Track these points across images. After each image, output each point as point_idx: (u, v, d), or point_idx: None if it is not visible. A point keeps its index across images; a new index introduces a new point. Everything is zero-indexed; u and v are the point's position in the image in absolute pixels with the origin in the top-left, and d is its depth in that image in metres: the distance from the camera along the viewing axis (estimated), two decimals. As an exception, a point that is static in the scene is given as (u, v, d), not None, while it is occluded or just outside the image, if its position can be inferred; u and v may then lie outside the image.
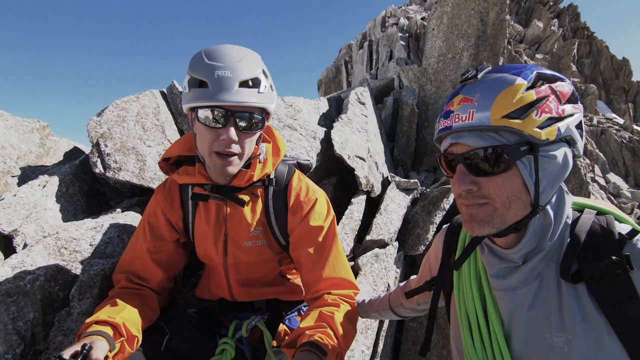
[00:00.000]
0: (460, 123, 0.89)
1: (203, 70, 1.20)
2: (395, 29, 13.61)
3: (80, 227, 1.82)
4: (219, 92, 1.18)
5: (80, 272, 1.57)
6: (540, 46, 20.37)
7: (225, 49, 1.24)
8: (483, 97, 0.87)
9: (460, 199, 0.94)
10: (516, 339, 0.95)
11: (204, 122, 1.23)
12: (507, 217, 0.89)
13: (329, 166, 2.97)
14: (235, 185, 1.39)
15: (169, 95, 2.70)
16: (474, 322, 1.04)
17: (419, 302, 1.49)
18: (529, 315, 0.93)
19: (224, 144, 1.24)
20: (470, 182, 0.89)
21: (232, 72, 1.19)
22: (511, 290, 0.96)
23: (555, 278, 0.91)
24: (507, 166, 0.86)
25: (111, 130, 2.19)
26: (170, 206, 1.48)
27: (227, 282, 1.52)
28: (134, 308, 1.28)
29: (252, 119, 1.26)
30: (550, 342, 0.88)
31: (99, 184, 2.35)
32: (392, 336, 3.07)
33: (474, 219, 0.91)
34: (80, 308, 1.48)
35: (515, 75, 0.87)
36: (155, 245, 1.45)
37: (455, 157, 0.93)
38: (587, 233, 0.89)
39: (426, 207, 3.25)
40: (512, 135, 0.86)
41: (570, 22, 27.68)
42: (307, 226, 1.43)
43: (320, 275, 1.40)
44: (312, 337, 1.15)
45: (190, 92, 1.22)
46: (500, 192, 0.87)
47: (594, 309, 0.84)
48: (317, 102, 3.48)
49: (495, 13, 4.50)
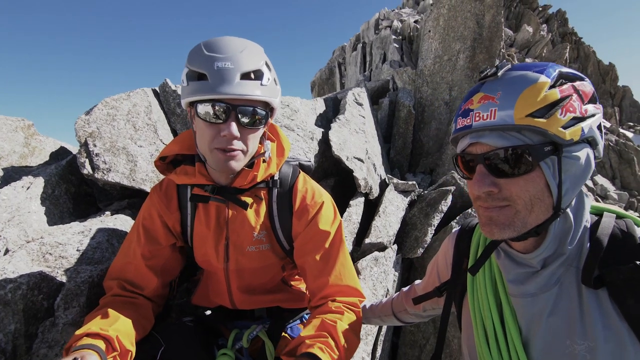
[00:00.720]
0: (481, 122, 0.84)
1: (202, 62, 1.12)
2: (389, 31, 13.64)
3: (67, 231, 1.71)
4: (219, 84, 1.10)
5: (67, 279, 1.47)
6: (530, 50, 20.64)
7: (226, 40, 1.17)
8: (506, 95, 0.82)
9: (478, 202, 0.90)
10: (535, 346, 0.91)
11: (203, 117, 1.15)
12: (528, 220, 0.85)
13: (327, 167, 2.91)
14: (238, 186, 1.31)
15: (162, 93, 2.61)
16: (490, 329, 1.00)
17: (426, 308, 1.45)
18: (549, 322, 0.88)
19: (225, 140, 1.16)
20: (490, 183, 0.84)
21: (233, 64, 1.12)
22: (530, 296, 0.92)
23: (576, 283, 0.87)
24: (531, 167, 0.82)
25: (100, 130, 2.09)
26: (167, 208, 1.39)
27: (228, 289, 1.44)
28: (127, 319, 1.19)
29: (255, 114, 1.19)
30: (571, 350, 0.84)
31: (87, 185, 2.24)
32: (389, 340, 3.02)
33: (494, 222, 0.86)
34: (67, 318, 1.38)
35: (538, 73, 0.83)
36: (151, 250, 1.36)
37: (474, 158, 0.88)
38: (608, 237, 0.86)
39: (424, 209, 3.20)
40: (536, 135, 0.82)
41: (558, 27, 28.17)
42: (313, 231, 1.36)
43: (326, 282, 1.33)
44: (312, 347, 1.10)
45: (188, 85, 1.15)
46: (522, 194, 0.83)
47: (616, 315, 0.80)
48: (314, 102, 3.42)
49: (491, 16, 4.50)
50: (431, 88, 5.04)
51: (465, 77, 4.79)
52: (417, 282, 1.53)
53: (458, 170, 0.97)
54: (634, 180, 14.52)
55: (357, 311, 1.35)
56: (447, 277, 1.26)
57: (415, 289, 1.51)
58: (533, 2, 26.05)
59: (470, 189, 0.93)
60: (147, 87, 2.53)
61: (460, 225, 1.29)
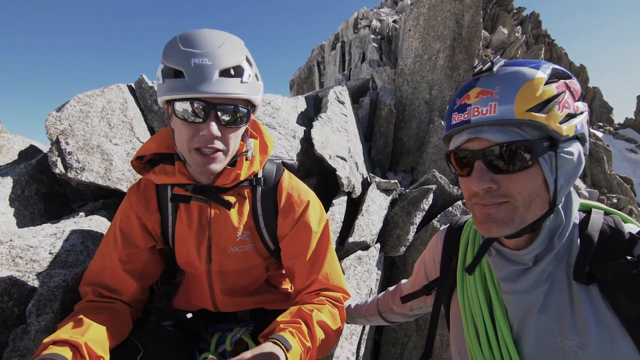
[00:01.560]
0: (480, 116, 0.83)
1: (178, 58, 1.06)
2: (368, 31, 13.70)
3: (38, 234, 1.63)
4: (196, 82, 1.05)
5: (39, 284, 1.39)
6: (505, 52, 21.14)
7: (204, 33, 1.10)
8: (504, 89, 0.82)
9: (475, 199, 0.89)
10: (526, 343, 0.91)
11: (181, 116, 1.10)
12: (526, 217, 0.85)
13: (309, 166, 2.88)
14: (220, 185, 1.27)
15: (138, 90, 2.52)
16: (480, 326, 1.00)
17: (412, 307, 1.45)
18: (540, 318, 0.89)
19: (205, 140, 1.11)
20: (490, 179, 0.84)
21: (211, 60, 1.06)
22: (522, 293, 0.92)
23: (566, 280, 0.88)
24: (530, 163, 0.82)
25: (73, 127, 2.00)
26: (146, 209, 1.33)
27: (211, 291, 1.39)
28: (100, 325, 1.13)
29: (237, 112, 1.14)
30: (562, 345, 0.85)
31: (59, 185, 2.14)
32: (371, 339, 3.02)
33: (493, 219, 0.86)
34: (39, 325, 1.30)
35: (534, 69, 0.84)
36: (128, 254, 1.30)
37: (472, 154, 0.87)
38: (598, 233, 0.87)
39: (406, 207, 3.22)
40: (534, 131, 0.82)
41: (532, 29, 28.98)
42: (301, 231, 1.33)
43: (313, 281, 1.32)
44: (283, 330, 1.11)
45: (164, 83, 1.09)
46: (522, 190, 0.83)
47: (607, 311, 0.81)
48: (295, 100, 3.38)
49: (471, 16, 4.56)
50: (411, 87, 5.08)
51: (445, 77, 4.85)
52: (404, 282, 1.53)
53: (451, 167, 0.96)
54: (603, 178, 15.12)
55: (340, 306, 1.34)
56: (435, 275, 1.26)
57: (402, 288, 1.51)
58: (508, 4, 26.70)
59: (465, 186, 0.92)
60: (122, 83, 2.44)
61: (448, 223, 1.30)
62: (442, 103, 4.94)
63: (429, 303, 1.36)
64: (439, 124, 4.51)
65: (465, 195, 0.94)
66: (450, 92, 4.91)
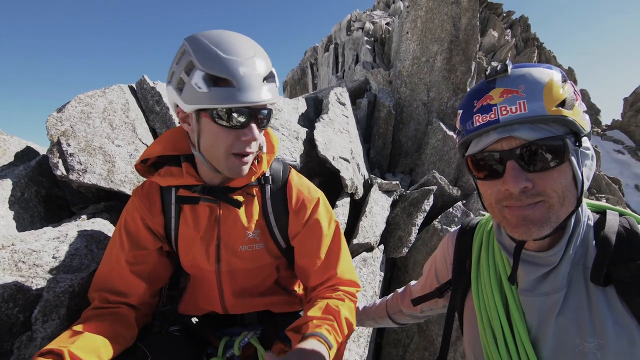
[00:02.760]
0: (510, 115, 0.81)
1: (223, 66, 1.05)
2: (361, 33, 13.75)
3: (41, 237, 1.58)
4: (246, 91, 1.06)
5: (45, 289, 1.35)
6: (495, 54, 21.38)
7: (235, 39, 1.11)
8: (529, 88, 0.81)
9: (507, 202, 0.86)
10: (545, 345, 0.90)
11: (225, 123, 1.09)
12: (561, 214, 0.84)
13: (311, 168, 2.87)
14: (233, 185, 1.26)
15: (139, 91, 2.48)
16: (497, 328, 0.99)
17: (423, 309, 1.44)
18: (558, 320, 0.88)
19: (245, 144, 1.13)
20: (525, 179, 0.81)
21: (255, 68, 1.07)
22: (543, 295, 0.91)
23: (584, 282, 0.87)
24: (564, 158, 0.81)
25: (74, 128, 1.95)
26: (149, 211, 1.31)
27: (220, 292, 1.37)
28: (98, 332, 1.10)
29: (270, 112, 1.18)
30: (581, 348, 0.84)
31: (58, 187, 2.09)
32: (373, 341, 3.01)
33: (530, 221, 0.83)
34: (45, 332, 1.26)
35: (549, 69, 0.85)
36: (136, 256, 1.27)
37: (504, 154, 0.84)
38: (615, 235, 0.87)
39: (407, 208, 3.22)
40: (560, 127, 0.82)
41: (521, 32, 29.38)
42: (314, 228, 1.34)
43: (331, 276, 1.33)
44: (319, 327, 1.11)
45: (209, 91, 1.05)
46: (556, 187, 0.82)
47: (625, 312, 0.81)
48: (295, 101, 3.37)
49: (467, 19, 4.60)
50: (409, 89, 5.10)
51: (442, 79, 4.88)
52: (413, 283, 1.52)
53: (471, 172, 0.94)
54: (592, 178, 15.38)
55: (355, 300, 1.36)
56: (447, 277, 1.25)
57: (411, 290, 1.50)
58: (498, 8, 27.02)
59: (492, 189, 0.89)
60: (123, 84, 2.39)
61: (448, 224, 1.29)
62: (440, 105, 4.96)
63: (440, 305, 1.35)
64: (437, 125, 4.53)
65: (490, 200, 0.91)
66: (448, 94, 4.94)
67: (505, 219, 0.88)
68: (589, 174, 0.88)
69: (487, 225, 1.15)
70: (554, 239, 0.91)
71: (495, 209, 0.90)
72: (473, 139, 0.92)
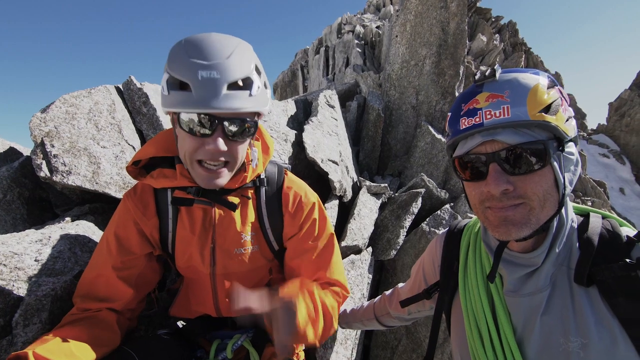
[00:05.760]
0: (494, 119, 0.84)
1: (184, 69, 1.00)
2: (351, 36, 13.83)
3: (23, 240, 1.55)
4: (203, 97, 0.99)
5: (26, 293, 1.32)
6: (484, 59, 21.65)
7: (211, 41, 1.04)
8: (514, 93, 0.84)
9: (488, 202, 0.89)
10: (529, 345, 0.92)
11: (187, 128, 1.05)
12: (541, 217, 0.86)
13: (300, 170, 2.86)
14: (226, 186, 1.24)
15: (126, 91, 2.45)
16: (483, 329, 1.00)
17: (411, 311, 1.45)
18: (543, 320, 0.90)
19: (210, 153, 1.07)
20: (507, 181, 0.84)
21: (219, 73, 1.00)
22: (527, 295, 0.93)
23: (567, 282, 0.89)
24: (545, 163, 0.83)
25: (58, 129, 1.93)
26: (143, 215, 1.29)
27: (214, 295, 1.36)
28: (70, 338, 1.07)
29: (244, 123, 1.10)
30: (565, 347, 0.86)
31: (41, 189, 2.06)
32: (361, 343, 3.01)
33: (510, 222, 0.86)
34: (26, 336, 1.24)
35: (535, 75, 0.87)
36: (123, 261, 1.26)
37: (487, 157, 0.87)
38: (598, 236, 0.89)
39: (395, 211, 3.23)
40: (543, 132, 0.85)
41: (509, 37, 29.79)
42: (310, 230, 1.35)
43: (319, 277, 1.35)
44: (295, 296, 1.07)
45: (169, 95, 1.03)
46: (537, 190, 0.84)
47: (607, 312, 0.82)
48: (284, 104, 3.37)
49: (456, 23, 4.66)
50: (398, 92, 5.13)
51: (431, 82, 4.93)
52: (401, 285, 1.53)
53: (458, 173, 0.96)
54: (578, 182, 15.63)
55: (339, 301, 1.36)
56: (435, 279, 1.26)
57: (399, 292, 1.51)
58: (487, 13, 27.39)
59: (476, 190, 0.92)
60: (109, 85, 2.37)
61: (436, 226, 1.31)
62: (429, 108, 5.00)
63: (428, 307, 1.36)
64: (426, 128, 4.57)
65: (474, 201, 0.94)
66: (437, 97, 4.98)
67: (488, 219, 0.91)
68: (572, 178, 0.90)
69: (475, 228, 1.17)
70: (538, 240, 0.94)
71: (479, 210, 0.93)
72: (460, 141, 0.95)
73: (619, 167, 33.34)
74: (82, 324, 1.14)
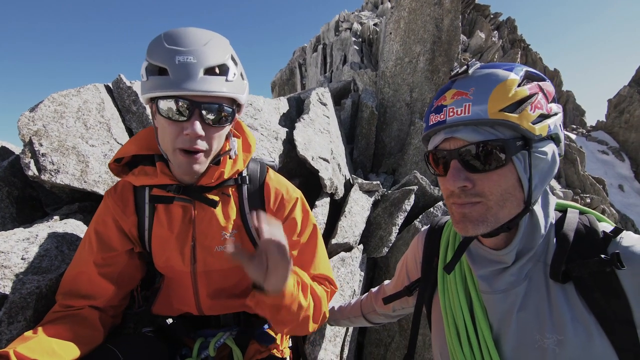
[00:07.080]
0: (455, 117, 0.85)
1: (162, 55, 1.05)
2: (349, 33, 13.79)
3: (10, 238, 1.56)
4: (181, 80, 1.03)
5: (10, 291, 1.33)
6: (482, 56, 21.63)
7: (188, 31, 1.10)
8: (478, 90, 0.84)
9: (452, 198, 0.90)
10: (506, 342, 0.93)
11: (165, 114, 1.08)
12: (500, 216, 0.87)
13: (291, 168, 2.87)
14: (204, 184, 1.25)
15: (115, 90, 2.46)
16: (461, 326, 1.01)
17: (395, 308, 1.45)
18: (519, 317, 0.91)
19: (189, 139, 1.10)
20: (465, 178, 0.86)
21: (195, 58, 1.05)
22: (501, 292, 0.94)
23: (544, 278, 0.90)
24: (504, 162, 0.83)
25: (47, 128, 1.93)
26: (122, 212, 1.30)
27: (195, 293, 1.37)
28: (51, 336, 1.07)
29: (222, 110, 1.13)
30: (540, 344, 0.87)
31: (31, 188, 2.06)
32: (355, 340, 3.02)
33: (468, 219, 0.88)
34: (11, 334, 1.25)
35: (507, 71, 0.86)
36: (104, 258, 1.27)
37: (448, 153, 0.89)
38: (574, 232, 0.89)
39: (388, 208, 3.24)
40: (507, 130, 0.84)
41: (508, 34, 29.75)
42: (292, 227, 1.35)
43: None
44: None
45: (148, 80, 1.07)
46: (494, 189, 0.85)
47: (583, 308, 0.83)
48: (277, 101, 3.37)
49: (450, 20, 4.66)
50: (392, 89, 5.14)
51: (425, 79, 4.93)
52: (387, 283, 1.54)
53: (430, 167, 0.98)
54: (577, 179, 15.65)
55: (327, 291, 1.38)
56: (417, 276, 1.27)
57: (384, 289, 1.52)
58: (485, 10, 27.34)
59: (443, 185, 0.94)
60: (99, 83, 2.37)
61: (429, 224, 1.31)
62: (423, 105, 5.01)
63: (411, 304, 1.37)
64: (419, 125, 4.57)
65: (444, 195, 0.95)
66: (431, 94, 4.98)
67: (452, 214, 0.93)
68: (543, 177, 0.89)
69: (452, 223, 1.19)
70: (509, 237, 0.94)
71: (447, 205, 0.94)
72: (431, 137, 0.97)
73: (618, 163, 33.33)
74: (64, 322, 1.15)
